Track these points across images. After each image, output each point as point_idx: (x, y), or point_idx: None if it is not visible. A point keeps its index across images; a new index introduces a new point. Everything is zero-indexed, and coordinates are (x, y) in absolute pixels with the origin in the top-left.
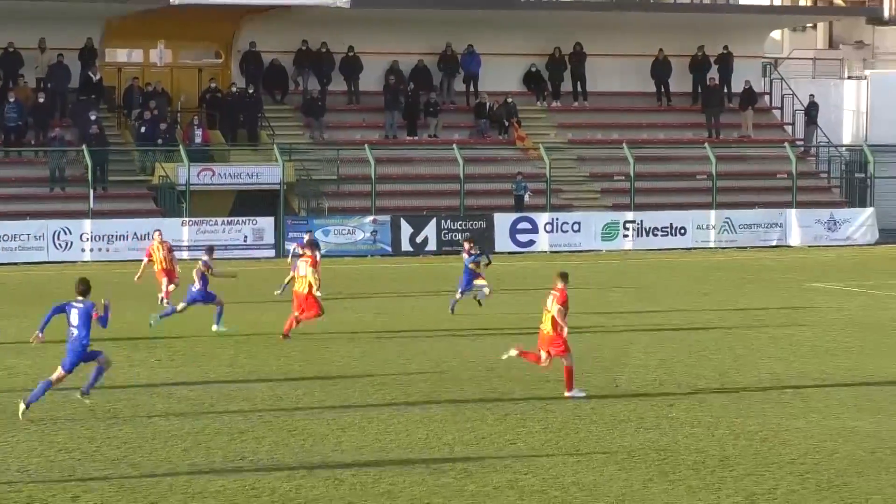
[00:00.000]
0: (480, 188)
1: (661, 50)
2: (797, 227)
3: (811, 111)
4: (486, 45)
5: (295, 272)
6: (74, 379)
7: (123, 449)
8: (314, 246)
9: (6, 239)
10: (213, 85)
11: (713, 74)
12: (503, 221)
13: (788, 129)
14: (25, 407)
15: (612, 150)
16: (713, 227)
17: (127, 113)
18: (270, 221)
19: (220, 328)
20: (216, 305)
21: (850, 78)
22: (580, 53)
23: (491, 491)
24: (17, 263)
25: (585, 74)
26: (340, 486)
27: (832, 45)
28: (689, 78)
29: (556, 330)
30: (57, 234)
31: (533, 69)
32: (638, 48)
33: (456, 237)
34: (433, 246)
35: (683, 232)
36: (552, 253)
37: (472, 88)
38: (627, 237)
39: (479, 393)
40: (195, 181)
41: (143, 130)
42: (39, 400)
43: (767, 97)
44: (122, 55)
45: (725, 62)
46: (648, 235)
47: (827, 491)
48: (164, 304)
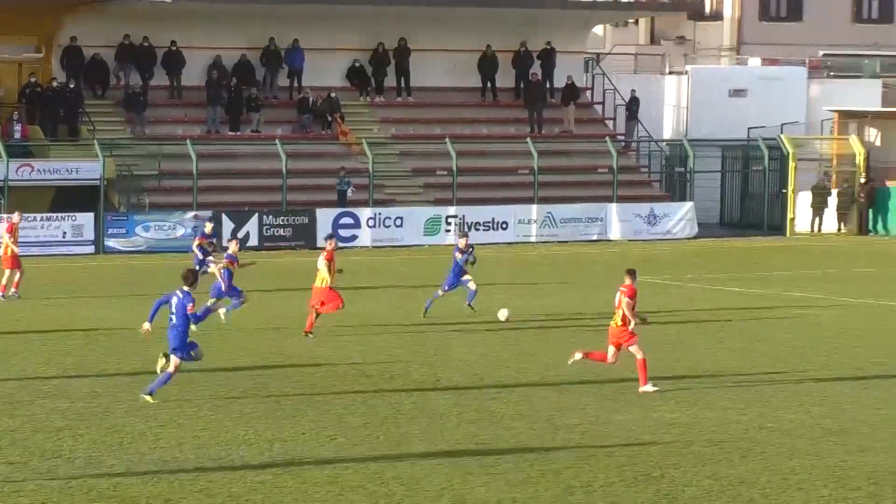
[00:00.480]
0: (303, 183)
1: (488, 46)
2: (617, 221)
3: (632, 106)
4: (309, 40)
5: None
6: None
7: None
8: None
9: None
10: (33, 79)
11: (536, 70)
12: (326, 217)
13: (610, 123)
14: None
15: (435, 145)
16: (535, 221)
17: None
18: (90, 217)
19: (227, 320)
20: (239, 300)
21: (671, 73)
22: (404, 48)
23: (310, 487)
24: None
25: (409, 70)
26: (158, 483)
27: (654, 40)
28: (514, 73)
29: (626, 324)
30: None
31: (357, 64)
32: (463, 43)
33: (278, 232)
34: (255, 241)
35: (505, 226)
36: (375, 248)
37: (295, 84)
38: (450, 232)
39: (299, 388)
40: (14, 177)
41: None
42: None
43: (589, 92)
44: None
45: (548, 57)
46: (470, 230)
47: (644, 483)
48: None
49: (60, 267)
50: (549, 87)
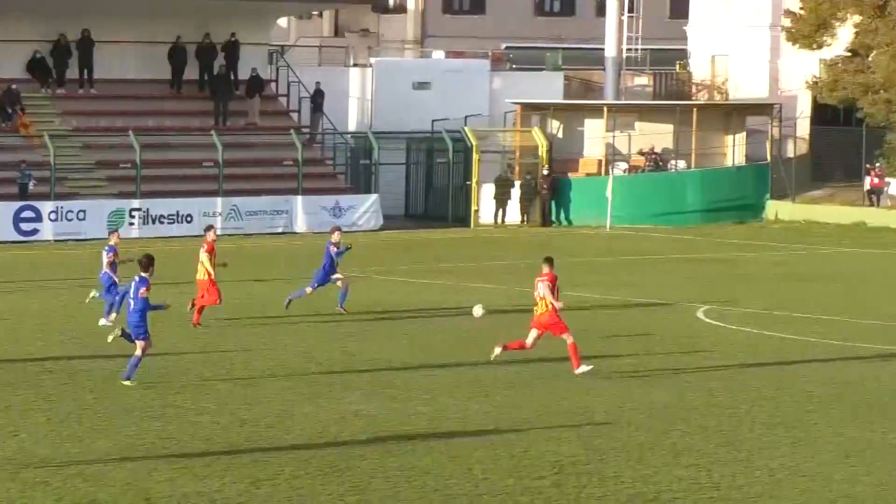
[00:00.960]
0: None
1: (179, 37)
2: (302, 213)
3: (317, 98)
4: None
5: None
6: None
7: None
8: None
9: None
10: None
11: (222, 62)
12: (6, 210)
13: (295, 116)
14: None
15: (119, 137)
16: (220, 214)
17: None
18: None
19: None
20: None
21: (355, 66)
22: (88, 40)
23: None
24: None
25: (93, 61)
26: None
27: (338, 32)
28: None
29: (554, 311)
30: None
31: (37, 56)
32: (151, 35)
33: None
34: None
35: (190, 219)
36: (57, 242)
37: None
38: (133, 225)
39: None
40: None
41: None
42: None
43: (274, 84)
44: None
45: (232, 49)
46: (155, 223)
47: (331, 475)
48: None
49: None
50: (233, 79)
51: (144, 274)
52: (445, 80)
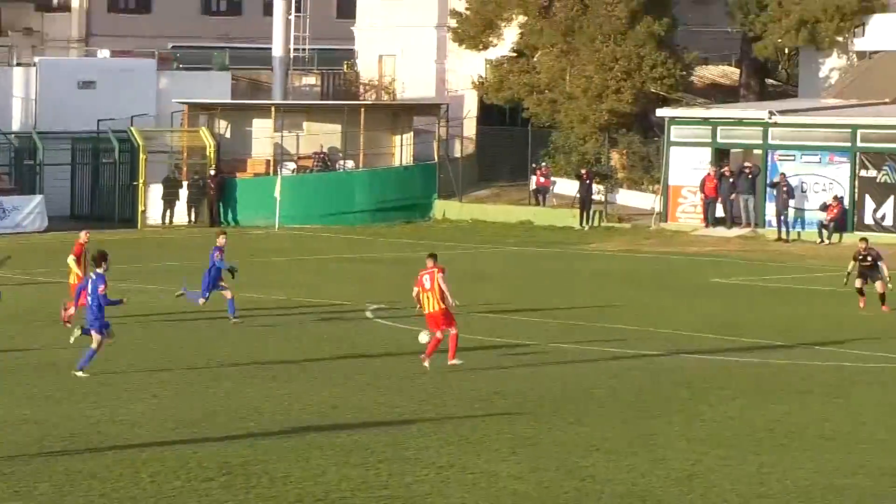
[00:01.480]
0: None
1: None
2: None
3: None
4: None
5: None
6: None
7: None
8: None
9: None
10: None
11: None
12: None
13: None
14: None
15: None
16: None
17: None
18: None
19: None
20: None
21: (18, 65)
22: None
23: None
24: None
25: None
26: None
27: (1, 31)
28: None
29: (444, 304)
30: None
31: None
32: None
33: None
34: None
35: None
36: None
37: None
38: None
39: None
40: None
41: None
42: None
43: None
44: None
45: None
46: None
47: None
48: None
49: None
50: None
51: (100, 270)
52: (111, 79)
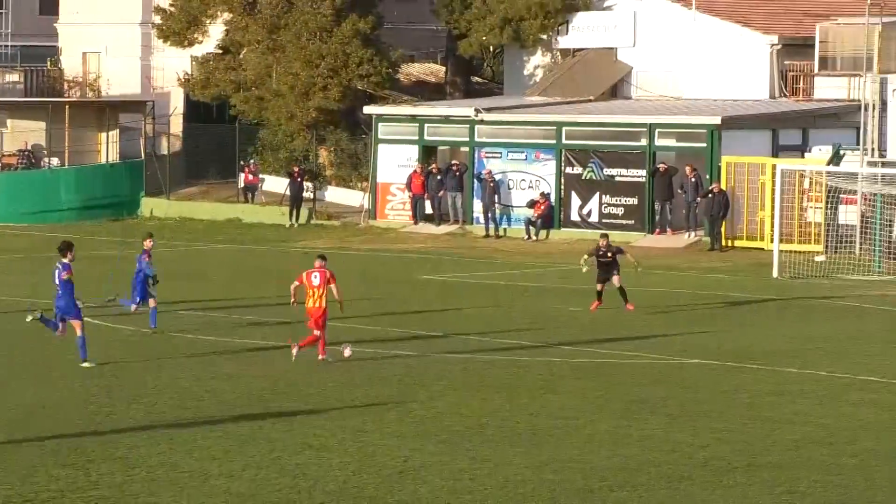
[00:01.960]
0: None
1: None
2: None
3: None
4: None
5: None
6: None
7: None
8: None
9: None
10: None
11: None
12: None
13: None
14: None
15: None
16: None
17: None
18: None
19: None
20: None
21: None
22: None
23: None
24: None
25: None
26: None
27: None
28: None
29: (323, 303)
30: None
31: None
32: None
33: None
34: None
35: None
36: None
37: None
38: None
39: None
40: None
41: None
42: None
43: None
44: None
45: None
46: None
47: None
48: None
49: None
50: None
51: (65, 259)
52: None
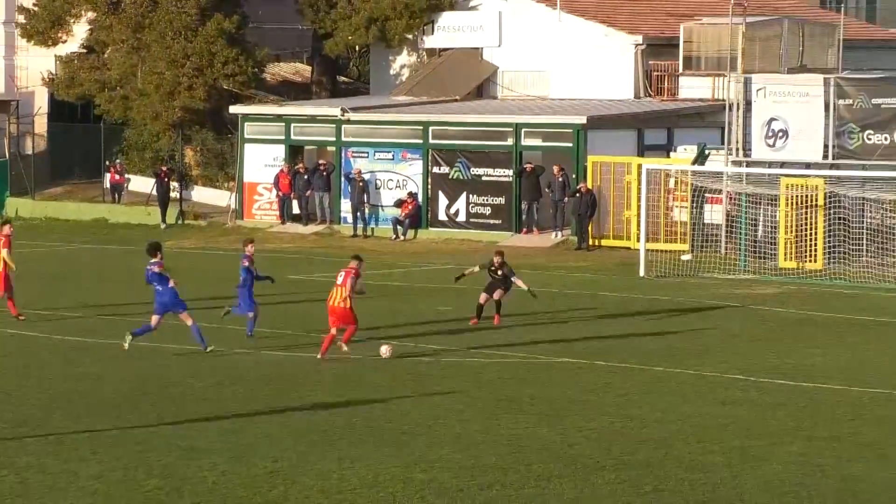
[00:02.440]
0: None
1: None
2: None
3: None
4: None
5: None
6: None
7: None
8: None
9: None
10: None
11: None
12: None
13: None
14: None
15: None
16: None
17: None
18: None
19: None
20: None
21: None
22: None
23: None
24: None
25: None
26: None
27: None
28: None
29: (344, 303)
30: None
31: None
32: None
33: None
34: None
35: None
36: None
37: None
38: None
39: None
40: None
41: None
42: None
43: None
44: None
45: None
46: None
47: None
48: None
49: None
50: None
51: (154, 259)
52: None
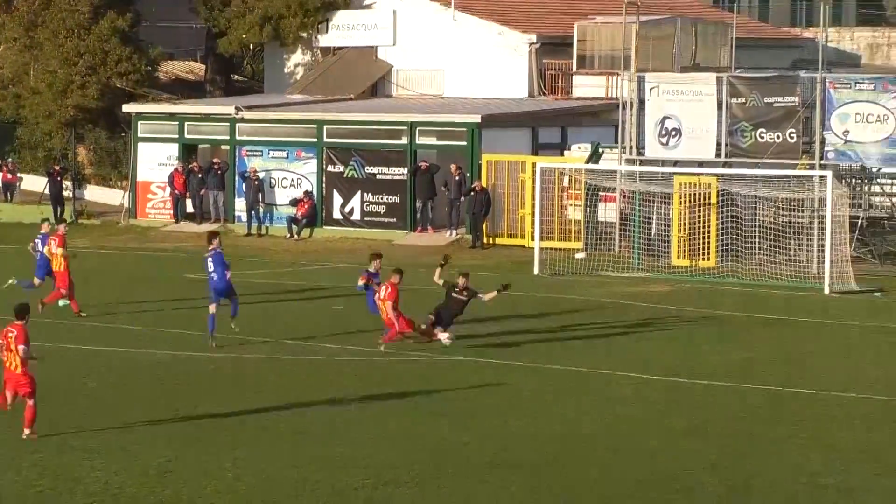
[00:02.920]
0: None
1: None
2: None
3: None
4: None
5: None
6: None
7: None
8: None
9: None
10: None
11: None
12: None
13: None
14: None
15: None
16: None
17: None
18: None
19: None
20: None
21: None
22: None
23: None
24: None
25: None
26: None
27: None
28: None
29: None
30: None
31: None
32: None
33: None
34: None
35: None
36: None
37: None
38: None
39: None
40: None
41: None
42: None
43: None
44: None
45: None
46: None
47: None
48: None
49: None
50: None
51: (211, 247)
52: None
